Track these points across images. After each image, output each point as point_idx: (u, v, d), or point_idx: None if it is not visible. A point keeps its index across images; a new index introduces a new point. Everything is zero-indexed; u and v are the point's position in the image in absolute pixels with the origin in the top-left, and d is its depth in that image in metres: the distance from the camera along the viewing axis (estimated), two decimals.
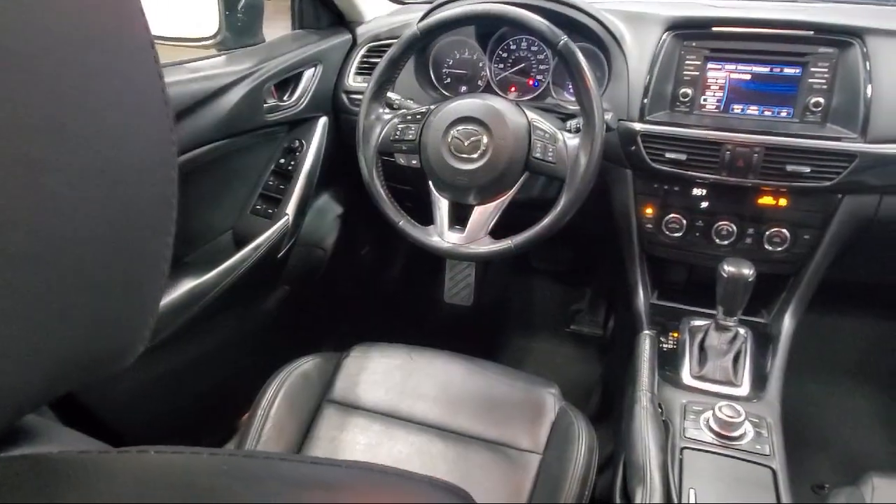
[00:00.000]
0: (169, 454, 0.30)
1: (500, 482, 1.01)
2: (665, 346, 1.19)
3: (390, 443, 1.08)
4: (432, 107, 1.17)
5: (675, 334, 1.21)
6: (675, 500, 0.85)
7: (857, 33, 1.09)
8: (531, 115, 1.13)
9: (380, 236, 1.86)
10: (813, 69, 1.12)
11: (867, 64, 1.08)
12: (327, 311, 1.72)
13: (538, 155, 1.10)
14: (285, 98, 1.36)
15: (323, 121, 1.44)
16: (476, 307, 2.03)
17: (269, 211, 1.35)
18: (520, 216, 1.14)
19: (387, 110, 1.21)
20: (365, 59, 1.45)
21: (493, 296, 2.06)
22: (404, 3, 1.64)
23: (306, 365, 1.18)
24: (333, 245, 1.60)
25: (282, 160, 1.38)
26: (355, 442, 1.09)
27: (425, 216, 1.20)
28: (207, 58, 1.26)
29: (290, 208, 1.35)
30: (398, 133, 1.18)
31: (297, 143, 1.39)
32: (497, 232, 1.15)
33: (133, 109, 0.29)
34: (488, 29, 1.38)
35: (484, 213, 1.14)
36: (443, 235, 1.16)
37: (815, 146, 1.09)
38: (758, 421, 0.99)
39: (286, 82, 1.36)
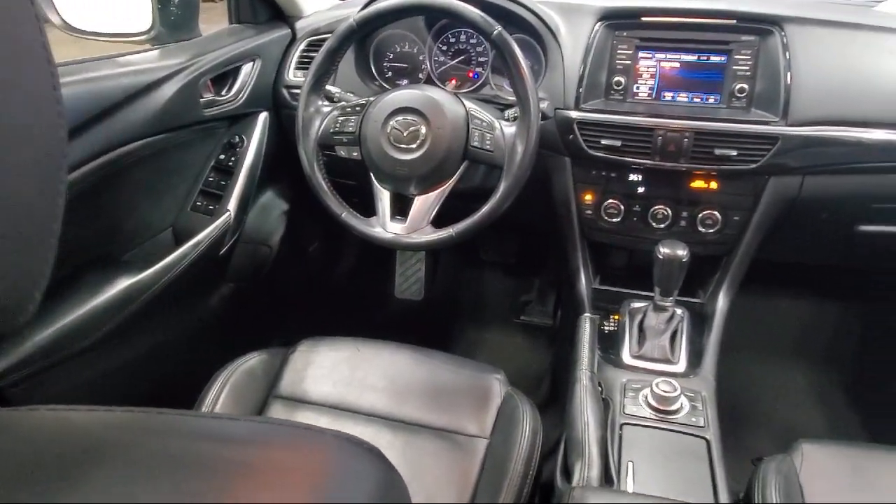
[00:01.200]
0: (63, 411, 0.30)
1: (448, 468, 1.02)
2: (607, 328, 1.22)
3: None
4: (371, 99, 1.17)
5: (617, 317, 1.24)
6: (614, 474, 0.87)
7: (776, 22, 1.14)
8: (469, 104, 1.14)
9: (328, 232, 1.85)
10: (737, 56, 1.16)
11: (786, 51, 1.13)
12: (275, 309, 1.70)
13: (476, 143, 1.11)
14: (223, 93, 1.34)
15: (263, 116, 1.42)
16: (427, 301, 2.04)
17: (210, 207, 1.33)
18: (463, 206, 1.16)
19: (326, 103, 1.21)
20: (305, 54, 1.44)
21: (444, 289, 2.07)
22: None
23: (252, 361, 1.16)
24: (279, 242, 1.59)
25: (222, 156, 1.36)
26: None
27: (372, 211, 1.20)
28: (140, 52, 1.23)
29: (232, 204, 1.33)
30: (338, 125, 1.17)
31: (237, 139, 1.38)
32: (441, 222, 1.16)
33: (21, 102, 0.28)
34: (428, 21, 1.39)
35: (425, 203, 1.15)
36: (385, 226, 1.17)
37: (741, 130, 1.13)
38: (693, 395, 1.03)
39: (224, 77, 1.34)
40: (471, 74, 1.40)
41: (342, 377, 1.15)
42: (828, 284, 1.76)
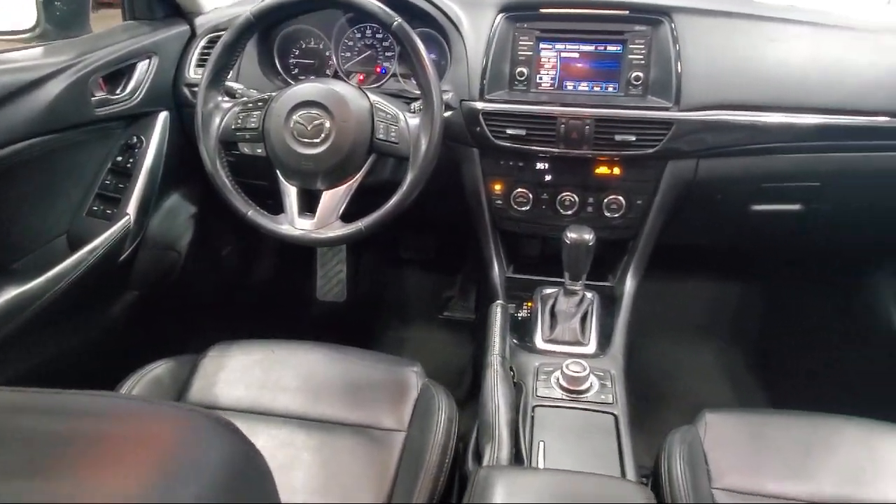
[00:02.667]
0: None
1: (366, 464, 1.01)
2: (520, 315, 1.24)
3: (252, 439, 1.04)
4: (273, 93, 1.15)
5: (530, 304, 1.26)
6: (525, 454, 0.88)
7: (665, 12, 1.20)
8: (374, 97, 1.14)
9: (243, 236, 1.80)
10: (631, 46, 1.21)
11: (676, 40, 1.18)
12: (187, 316, 1.64)
13: (381, 136, 1.11)
14: (117, 92, 1.28)
15: (164, 115, 1.37)
16: (350, 302, 2.02)
17: (108, 212, 1.26)
18: (374, 201, 1.15)
19: (226, 99, 1.17)
20: (205, 51, 1.39)
21: (366, 290, 2.06)
22: None
23: (158, 370, 1.11)
24: (188, 246, 1.53)
25: (119, 158, 1.30)
26: None
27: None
28: (24, 49, 1.16)
29: (132, 208, 1.27)
30: (240, 121, 1.14)
31: (135, 140, 1.32)
32: (353, 218, 1.15)
33: None
34: (333, 16, 1.38)
35: (334, 198, 1.14)
36: (293, 223, 1.14)
37: (638, 116, 1.18)
38: (603, 374, 1.06)
39: (117, 75, 1.28)
40: (378, 69, 1.40)
41: (255, 380, 1.12)
42: (730, 266, 1.86)
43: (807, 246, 1.62)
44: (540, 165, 1.26)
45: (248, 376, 1.12)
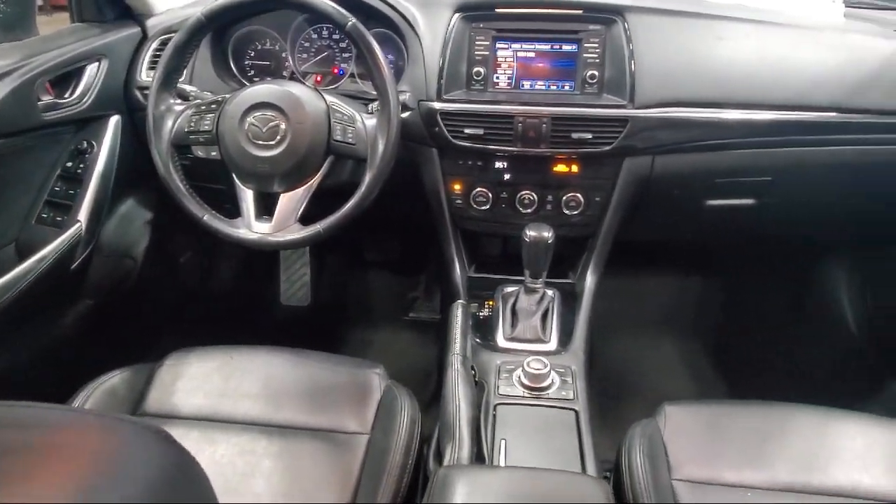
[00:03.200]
0: None
1: (329, 468, 0.99)
2: (482, 314, 1.25)
3: (211, 448, 1.02)
4: (227, 95, 1.13)
5: (491, 303, 1.26)
6: (487, 453, 0.88)
7: (618, 11, 1.21)
8: (331, 99, 1.13)
9: (202, 241, 1.77)
10: (586, 45, 1.22)
11: (629, 39, 1.20)
12: (146, 324, 1.60)
13: (338, 137, 1.10)
14: (66, 95, 1.25)
15: (115, 119, 1.34)
16: (314, 305, 2.00)
17: (58, 219, 1.23)
18: (335, 203, 1.14)
19: (179, 101, 1.15)
20: (157, 53, 1.36)
21: (331, 293, 2.04)
22: None
23: (113, 380, 1.09)
24: (144, 252, 1.50)
25: (69, 163, 1.27)
26: None
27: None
28: None
29: (83, 215, 1.24)
30: (193, 124, 1.12)
31: (85, 145, 1.29)
32: (313, 220, 1.14)
33: None
34: (288, 17, 1.36)
35: (292, 201, 1.13)
36: (250, 226, 1.13)
37: (594, 114, 1.19)
38: (564, 370, 1.07)
39: (66, 79, 1.25)
40: (335, 70, 1.39)
41: (214, 388, 1.10)
42: (689, 261, 1.89)
43: (761, 239, 1.66)
44: (499, 164, 1.26)
45: (207, 384, 1.10)
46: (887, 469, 0.93)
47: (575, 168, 1.25)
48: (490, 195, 1.28)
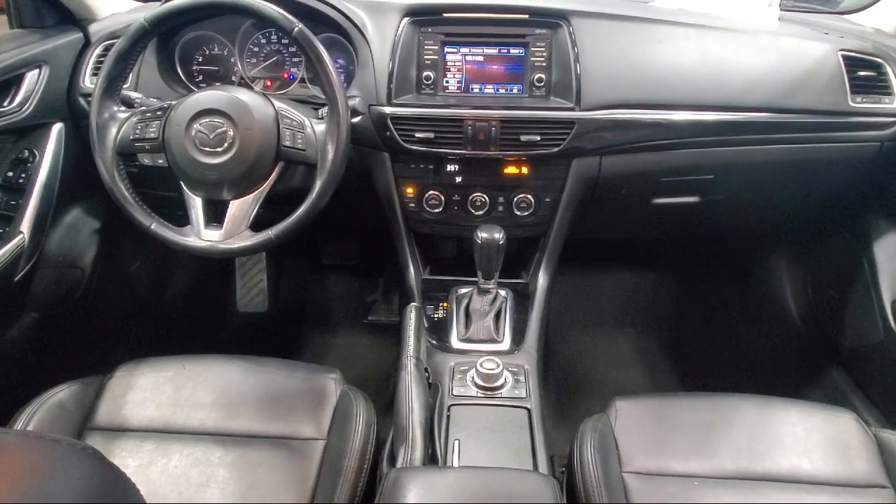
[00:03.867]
0: None
1: (285, 475, 0.99)
2: (436, 316, 1.26)
3: (164, 459, 1.01)
4: (173, 102, 1.11)
5: (446, 304, 1.28)
6: (440, 454, 0.89)
7: (563, 16, 1.24)
8: (279, 104, 1.12)
9: (155, 249, 1.73)
10: (533, 49, 1.24)
11: (574, 43, 1.22)
12: (96, 336, 1.56)
13: (288, 143, 1.10)
14: (4, 104, 1.21)
15: (58, 127, 1.31)
16: (272, 311, 1.98)
17: None
18: (288, 209, 1.13)
19: (123, 108, 1.13)
20: (101, 59, 1.34)
21: (289, 298, 2.03)
22: (147, 0, 1.54)
23: (61, 394, 1.06)
24: (93, 263, 1.46)
25: (10, 173, 1.24)
26: (124, 467, 1.00)
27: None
28: None
29: (26, 226, 1.21)
30: (138, 131, 1.11)
31: (27, 154, 1.25)
32: (266, 226, 1.13)
33: None
34: (235, 22, 1.35)
35: (242, 207, 1.12)
36: (200, 234, 1.12)
37: (542, 116, 1.22)
38: (517, 370, 1.08)
39: (5, 87, 1.22)
40: (286, 75, 1.38)
41: (167, 398, 1.09)
42: (642, 258, 1.94)
43: (707, 235, 1.71)
44: (450, 167, 1.28)
45: (160, 395, 1.09)
46: (825, 453, 0.98)
47: (525, 170, 1.27)
48: (442, 198, 1.30)
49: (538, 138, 1.21)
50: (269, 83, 1.38)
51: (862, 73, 1.26)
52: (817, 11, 1.52)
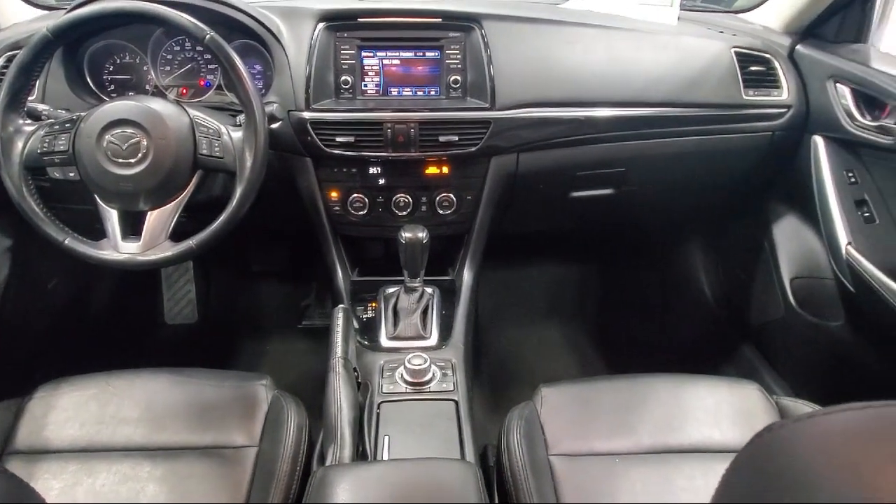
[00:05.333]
0: None
1: (217, 486, 0.99)
2: (365, 316, 1.27)
3: (90, 479, 0.99)
4: (82, 114, 1.09)
5: (374, 304, 1.29)
6: (370, 451, 0.91)
7: (475, 19, 1.27)
8: (194, 112, 1.12)
9: (74, 265, 1.68)
10: (448, 51, 1.27)
11: (487, 45, 1.26)
12: (14, 357, 1.50)
13: (205, 151, 1.09)
14: None
15: None
16: (202, 322, 1.95)
17: None
18: (210, 217, 1.12)
19: (29, 122, 1.10)
20: (3, 72, 1.28)
21: (219, 307, 2.00)
22: (52, 9, 1.49)
23: None
24: (6, 281, 1.41)
25: None
26: (48, 489, 0.98)
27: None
28: None
29: None
30: (46, 145, 1.08)
31: None
32: (188, 236, 1.12)
33: None
34: (145, 30, 1.33)
35: (161, 218, 1.10)
36: (117, 247, 1.09)
37: (459, 117, 1.25)
38: (444, 364, 1.12)
39: None
40: (202, 82, 1.36)
41: (91, 416, 1.06)
42: (567, 251, 2.01)
43: (625, 225, 1.80)
44: (373, 170, 1.29)
45: (83, 413, 1.06)
46: (733, 423, 1.05)
47: (446, 169, 1.31)
48: (366, 200, 1.31)
49: (456, 138, 1.25)
50: (184, 91, 1.36)
51: (753, 69, 1.35)
52: (713, 11, 1.61)
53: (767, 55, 1.37)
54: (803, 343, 1.44)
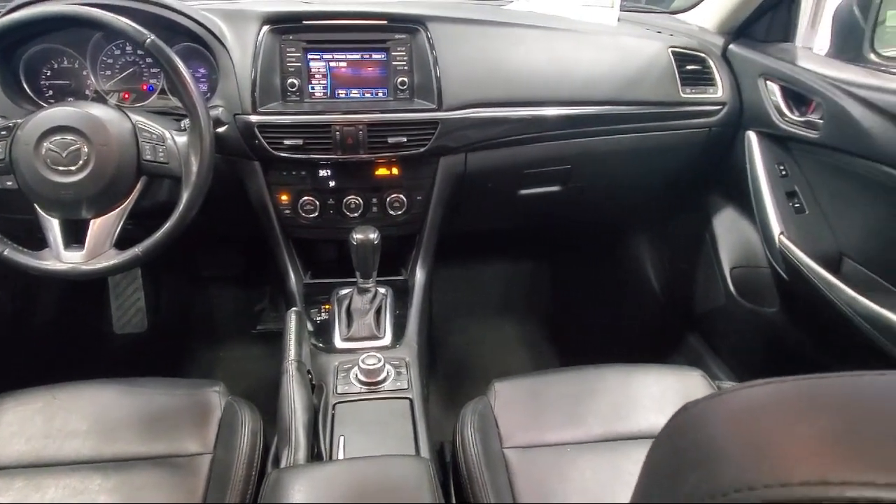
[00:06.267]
0: None
1: (171, 494, 0.98)
2: (319, 318, 1.28)
3: (38, 494, 0.97)
4: (19, 120, 1.06)
5: (328, 306, 1.30)
6: (325, 451, 0.92)
7: (420, 21, 1.29)
8: (137, 118, 1.10)
9: (15, 277, 1.63)
10: (394, 53, 1.28)
11: (432, 46, 1.28)
12: None
13: (149, 157, 1.08)
14: None
15: None
16: (153, 330, 1.91)
17: None
18: (158, 224, 1.11)
19: None
20: None
21: (171, 315, 1.96)
22: None
23: None
24: None
25: None
26: None
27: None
28: None
29: None
30: None
31: None
32: (134, 244, 1.10)
33: None
34: (85, 34, 1.30)
35: (104, 226, 1.08)
36: (59, 257, 1.07)
37: (407, 119, 1.26)
38: (398, 363, 1.13)
39: None
40: (145, 87, 1.34)
41: (37, 431, 1.04)
42: (520, 248, 2.05)
43: (573, 221, 1.84)
44: (322, 172, 1.30)
45: (28, 428, 1.04)
46: (678, 409, 1.09)
47: (395, 170, 1.32)
48: (317, 203, 1.31)
49: (405, 139, 1.26)
50: (126, 96, 1.33)
51: (689, 67, 1.41)
52: (651, 11, 1.67)
53: (703, 54, 1.43)
54: (743, 329, 1.50)
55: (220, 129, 1.20)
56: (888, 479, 0.23)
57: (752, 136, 1.38)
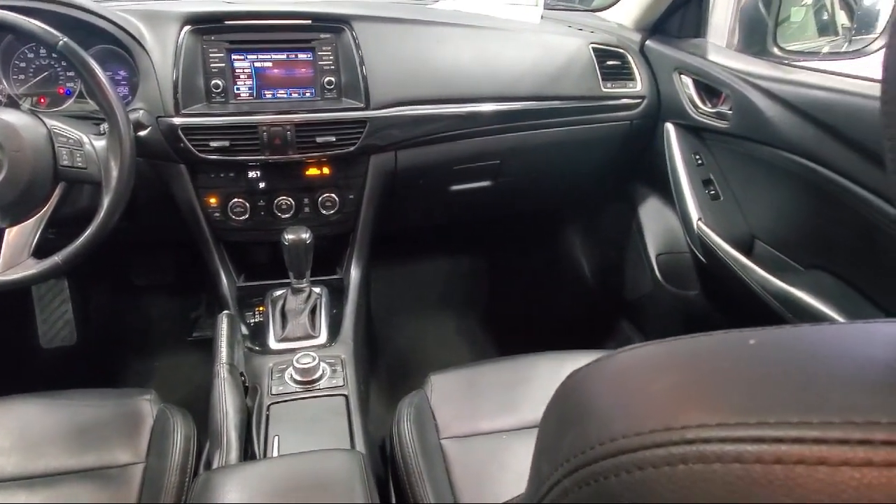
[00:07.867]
0: None
1: None
2: (253, 321, 1.27)
3: None
4: None
5: (262, 308, 1.29)
6: (259, 452, 0.92)
7: (345, 20, 1.29)
8: (52, 122, 1.07)
9: None
10: (320, 53, 1.28)
11: (358, 46, 1.28)
12: None
13: (66, 162, 1.05)
14: None
15: None
16: (83, 343, 1.85)
17: None
18: (79, 231, 1.07)
19: None
20: None
21: (101, 326, 1.90)
22: None
23: None
24: None
25: None
26: None
27: None
28: None
29: None
30: None
31: None
32: (54, 253, 1.07)
33: None
34: None
35: (21, 234, 1.05)
36: None
37: (335, 118, 1.26)
38: (333, 361, 1.13)
39: None
40: (61, 91, 1.30)
41: None
42: (458, 242, 2.07)
43: (506, 215, 1.88)
44: (252, 174, 1.28)
45: None
46: None
47: (326, 170, 1.32)
48: (247, 205, 1.30)
49: (334, 139, 1.26)
50: (42, 100, 1.29)
51: (610, 63, 1.46)
52: (573, 9, 1.72)
53: (621, 50, 1.48)
54: (669, 313, 1.57)
55: (142, 133, 1.18)
56: (721, 419, 0.26)
57: (669, 128, 1.45)
